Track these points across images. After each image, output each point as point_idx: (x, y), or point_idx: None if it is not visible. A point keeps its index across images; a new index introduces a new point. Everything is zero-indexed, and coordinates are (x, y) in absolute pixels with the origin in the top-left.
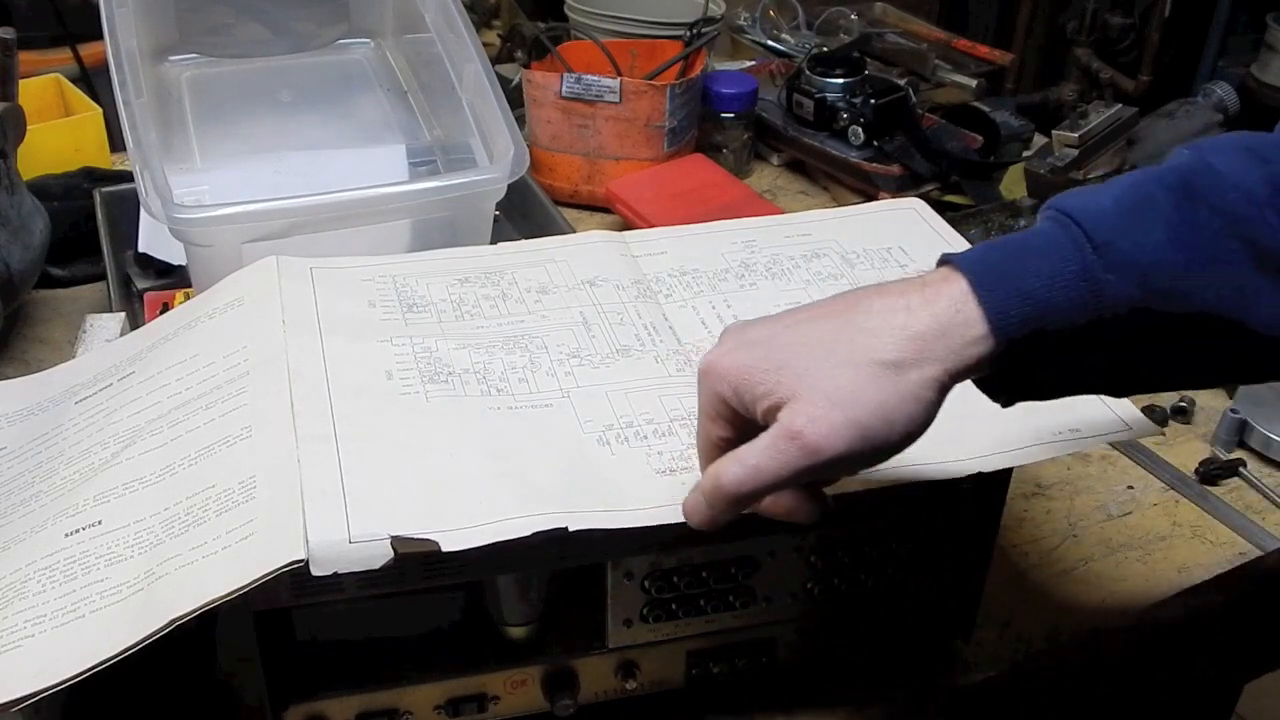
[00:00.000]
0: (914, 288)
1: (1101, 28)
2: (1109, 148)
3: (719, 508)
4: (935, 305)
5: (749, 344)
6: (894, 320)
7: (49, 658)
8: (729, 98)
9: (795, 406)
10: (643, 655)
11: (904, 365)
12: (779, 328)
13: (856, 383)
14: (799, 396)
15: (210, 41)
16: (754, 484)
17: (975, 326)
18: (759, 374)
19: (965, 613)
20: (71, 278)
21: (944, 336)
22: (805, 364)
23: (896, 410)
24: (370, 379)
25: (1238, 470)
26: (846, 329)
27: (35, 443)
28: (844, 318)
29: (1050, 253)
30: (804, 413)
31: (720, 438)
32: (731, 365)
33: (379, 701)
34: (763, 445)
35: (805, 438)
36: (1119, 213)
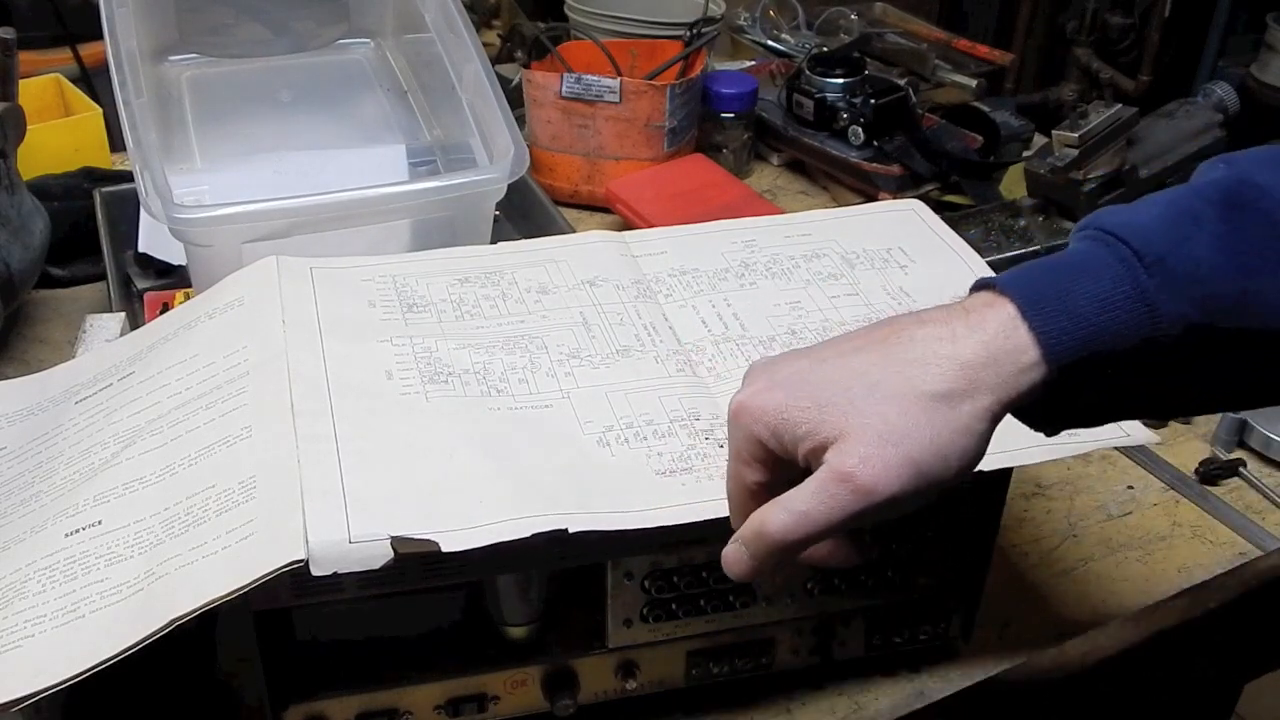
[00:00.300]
0: (956, 315)
1: (1101, 28)
2: (1109, 148)
3: (763, 558)
4: (982, 332)
5: (783, 382)
6: (940, 349)
7: (49, 658)
8: (729, 98)
9: (844, 446)
10: (643, 655)
11: (955, 396)
12: (813, 362)
13: (907, 417)
14: (847, 435)
15: (210, 41)
16: (803, 531)
17: (1027, 353)
18: (799, 412)
19: (965, 613)
20: (71, 278)
21: (994, 364)
22: (850, 399)
23: (950, 444)
24: (370, 379)
25: (1238, 470)
26: (890, 360)
27: (35, 443)
28: (884, 349)
29: (1100, 273)
30: (854, 452)
31: (755, 483)
32: (767, 405)
33: (379, 701)
34: (811, 490)
35: (858, 479)
36: (1164, 228)
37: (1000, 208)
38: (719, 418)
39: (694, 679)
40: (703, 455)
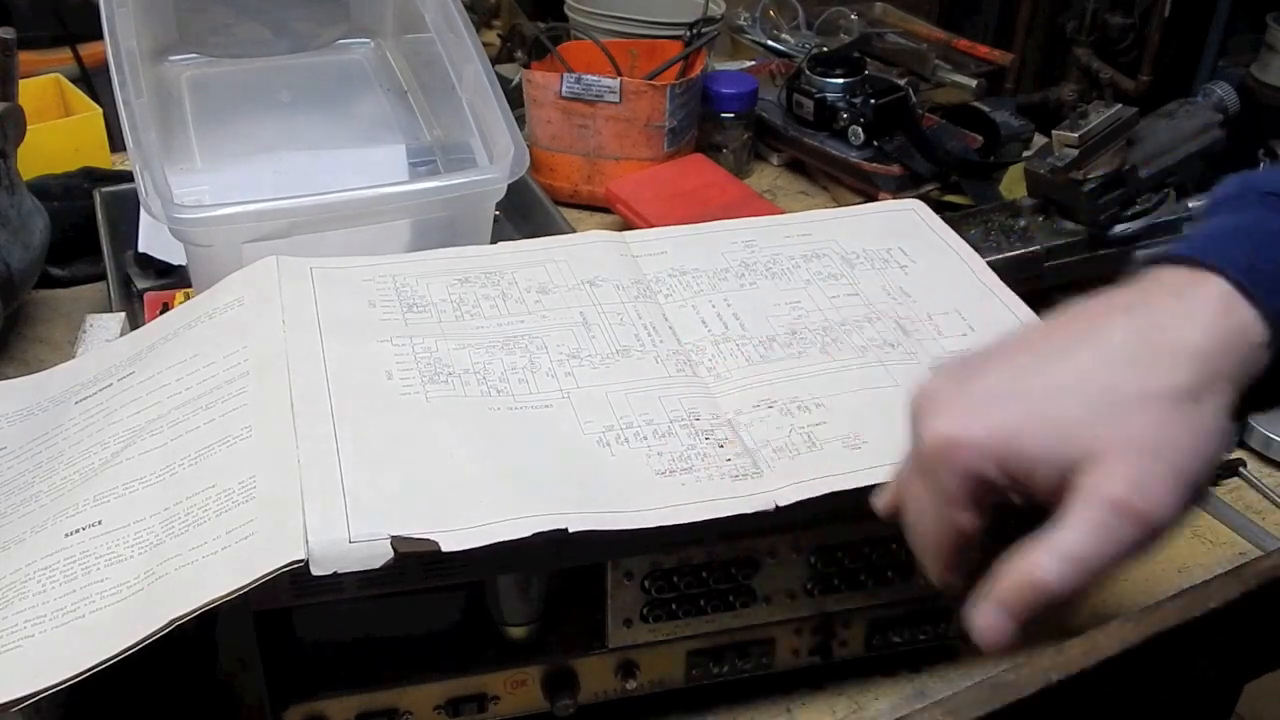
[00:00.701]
0: (1157, 296)
1: (1101, 28)
2: (1109, 148)
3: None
4: (1202, 314)
5: (988, 403)
6: (1161, 339)
7: (49, 658)
8: (729, 98)
9: (1103, 469)
10: (643, 655)
11: (1198, 392)
12: (1012, 374)
13: (1160, 424)
14: (1101, 455)
15: (210, 41)
16: (1084, 577)
17: (1255, 332)
18: (1030, 437)
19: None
20: (71, 278)
21: (1227, 350)
22: (1088, 411)
23: (1209, 448)
24: (370, 379)
25: (1238, 470)
26: (1111, 359)
27: (35, 443)
28: (1096, 347)
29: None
30: (1119, 474)
31: (975, 529)
32: (988, 434)
33: (379, 701)
34: (1082, 529)
35: (1134, 505)
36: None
37: (1000, 208)
38: (719, 418)
39: (694, 679)
40: (703, 455)
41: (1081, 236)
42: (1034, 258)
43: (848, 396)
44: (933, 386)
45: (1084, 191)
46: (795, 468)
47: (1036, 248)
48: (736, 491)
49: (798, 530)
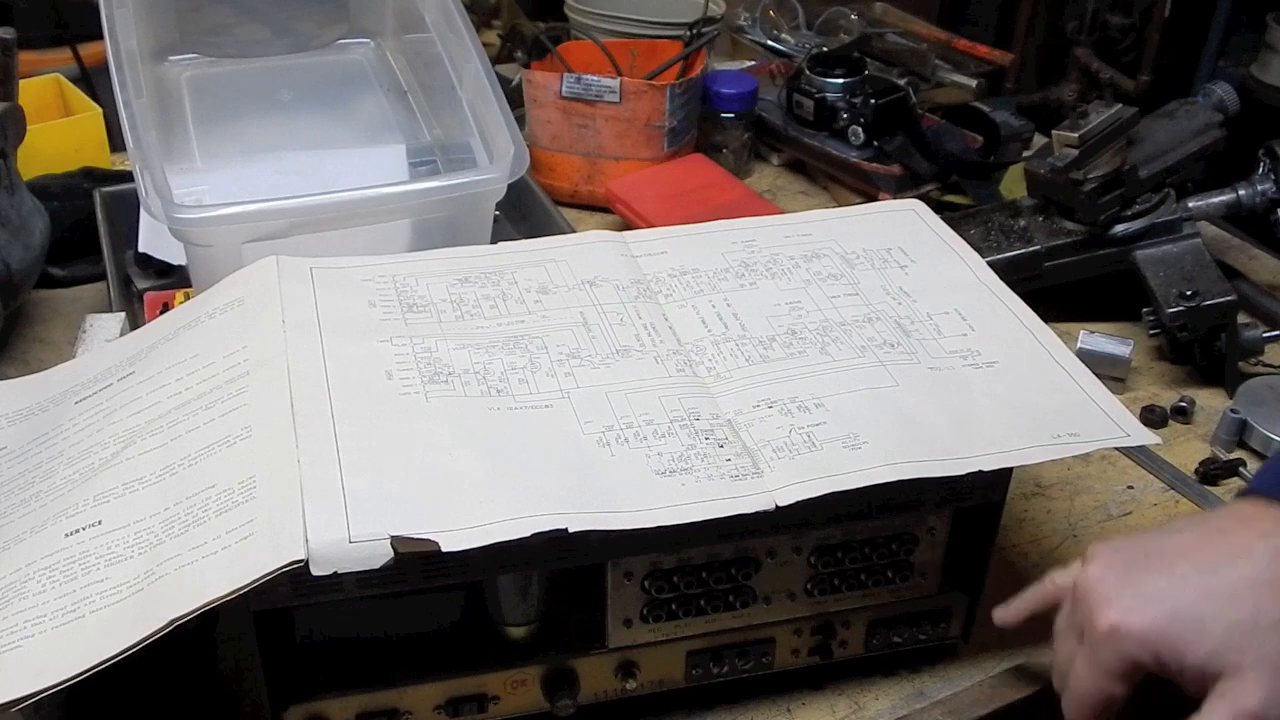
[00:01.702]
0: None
1: (1101, 28)
2: (1109, 148)
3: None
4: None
5: (1156, 599)
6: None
7: (49, 658)
8: (729, 98)
9: (1243, 684)
10: (643, 655)
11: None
12: (1177, 579)
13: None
14: (1243, 671)
15: (210, 41)
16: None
17: None
18: (1188, 642)
19: (965, 613)
20: (71, 278)
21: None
22: (1238, 629)
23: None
24: (370, 379)
25: (1238, 470)
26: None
27: (35, 443)
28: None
29: None
30: (1257, 693)
31: (1122, 696)
32: (1150, 629)
33: (379, 701)
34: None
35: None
36: None
37: (1000, 208)
38: (719, 418)
39: (694, 679)
40: (702, 455)
41: (1081, 236)
42: (1034, 258)
43: (847, 396)
44: (1104, 575)
45: (1084, 191)
46: (795, 468)
47: (1036, 248)
48: (736, 491)
49: (798, 530)
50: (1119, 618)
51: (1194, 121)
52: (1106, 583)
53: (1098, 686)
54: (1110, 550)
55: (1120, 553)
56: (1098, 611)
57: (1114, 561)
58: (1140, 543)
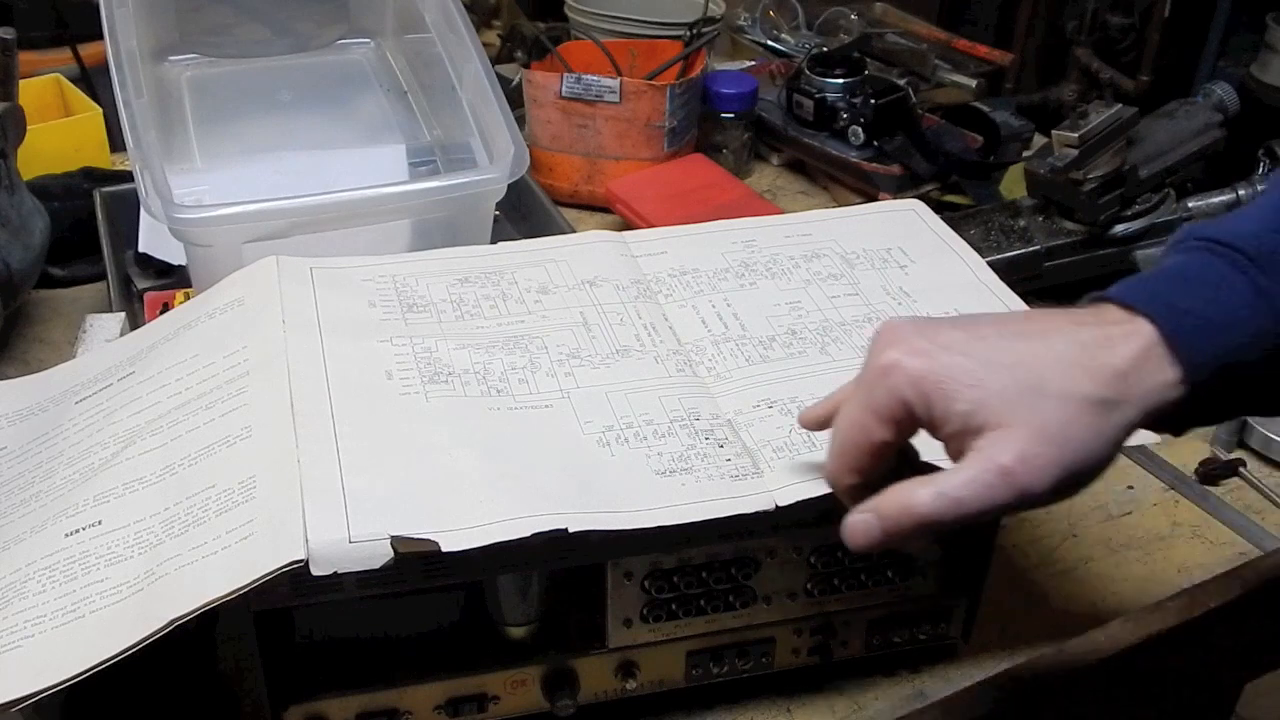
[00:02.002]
0: (1105, 323)
1: (1101, 28)
2: (1109, 148)
3: (896, 534)
4: (1132, 344)
5: (944, 348)
6: (1100, 356)
7: (49, 658)
8: (729, 98)
9: (1003, 438)
10: (643, 655)
11: (1109, 405)
12: (973, 337)
13: (1068, 419)
14: (1008, 426)
15: (210, 41)
16: (952, 516)
17: (1168, 370)
18: (961, 388)
19: (965, 613)
20: (71, 278)
21: (1142, 379)
22: (1014, 388)
23: (1099, 452)
24: (370, 379)
25: (1238, 470)
26: (1053, 356)
27: (35, 443)
28: (1047, 343)
29: (1217, 281)
30: (1014, 447)
31: (881, 441)
32: (926, 370)
33: (379, 701)
34: (967, 477)
35: (1016, 475)
36: (1264, 227)
37: (1000, 208)
38: (719, 418)
39: (694, 679)
40: (703, 455)
41: (1081, 236)
42: (1034, 258)
43: None
44: (901, 324)
45: (1084, 191)
46: (795, 468)
47: (1036, 248)
48: (736, 491)
49: (798, 530)
50: (899, 356)
51: (1194, 121)
52: (900, 328)
53: (860, 424)
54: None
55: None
56: (881, 351)
57: (920, 319)
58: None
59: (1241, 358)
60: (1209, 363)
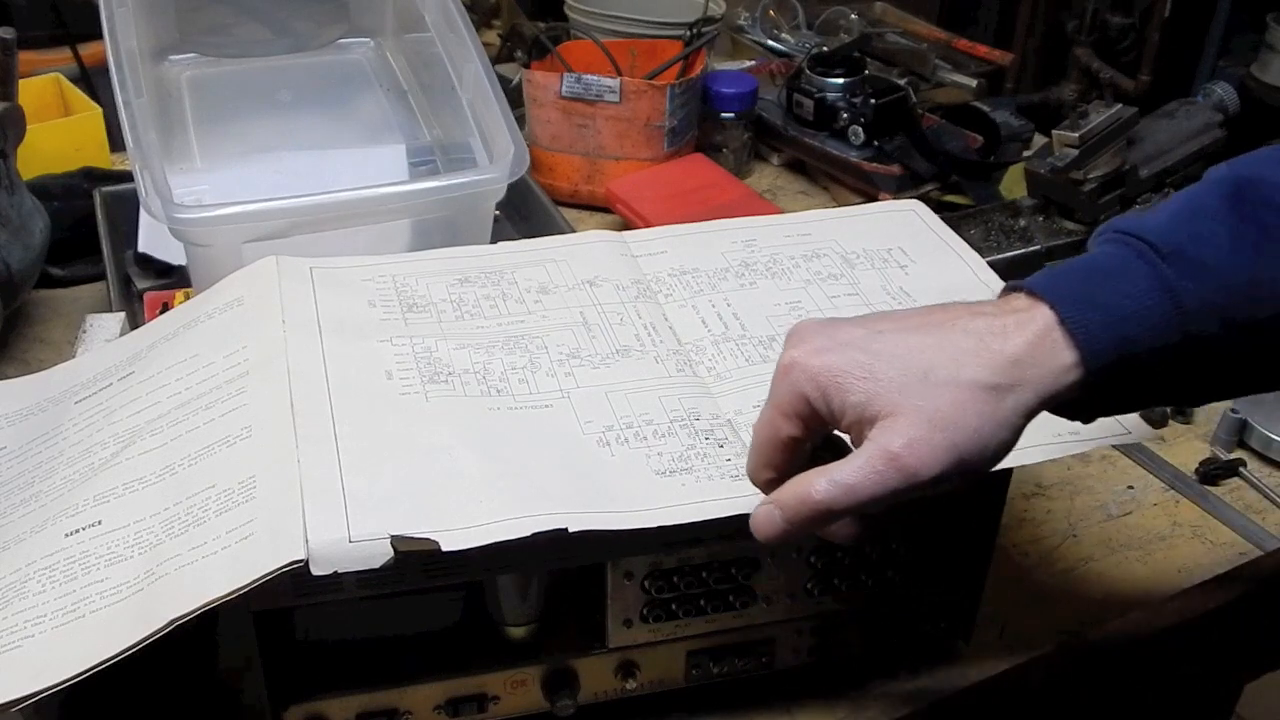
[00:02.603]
0: (1005, 311)
1: (1101, 28)
2: (1109, 148)
3: (797, 524)
4: (1028, 330)
5: (841, 345)
6: (992, 343)
7: (49, 658)
8: (729, 98)
9: (893, 425)
10: (643, 655)
11: (1002, 390)
12: (871, 333)
13: (956, 404)
14: (898, 414)
15: (210, 41)
16: (846, 503)
17: (1065, 355)
18: (854, 380)
19: (965, 613)
20: (71, 278)
21: (1037, 364)
22: (904, 378)
23: (991, 436)
24: (370, 379)
25: (1238, 470)
26: (946, 346)
27: (35, 443)
28: (941, 333)
29: (1123, 272)
30: (903, 433)
31: (789, 437)
32: (822, 365)
33: (379, 701)
34: (857, 465)
35: (904, 460)
36: (1178, 224)
37: (1000, 208)
38: (719, 418)
39: (694, 679)
40: (702, 455)
41: (1081, 236)
42: (1034, 258)
43: None
44: (808, 323)
45: (1084, 191)
46: None
47: (1036, 248)
48: (736, 491)
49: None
50: (798, 354)
51: (1194, 121)
52: (805, 328)
53: (768, 420)
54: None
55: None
56: (785, 351)
57: (829, 318)
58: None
59: (1141, 347)
60: (1107, 350)
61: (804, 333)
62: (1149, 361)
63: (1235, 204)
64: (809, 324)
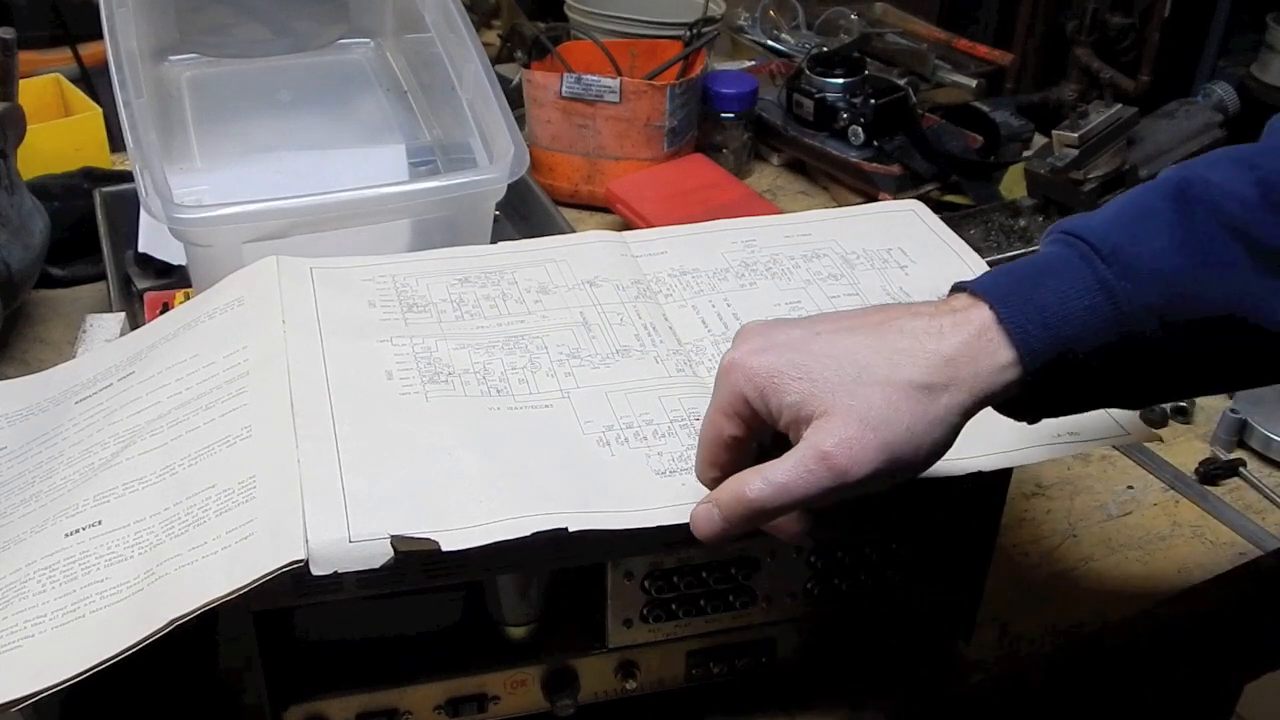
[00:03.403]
0: (944, 311)
1: (1101, 28)
2: (1109, 148)
3: (734, 522)
4: (964, 331)
5: (779, 346)
6: (927, 343)
7: (49, 658)
8: (729, 98)
9: (826, 425)
10: (643, 655)
11: (935, 389)
12: (806, 334)
13: (889, 404)
14: (831, 413)
15: (210, 41)
16: (779, 502)
17: (1003, 353)
18: (789, 380)
19: (965, 613)
20: (71, 278)
21: (973, 362)
22: (838, 378)
23: (924, 435)
24: (370, 379)
25: (1238, 470)
26: (881, 346)
27: (35, 443)
28: (877, 334)
29: (1062, 271)
30: (835, 433)
31: (731, 436)
32: (759, 366)
33: (379, 701)
34: (790, 464)
35: (835, 459)
36: (1120, 224)
37: (1000, 208)
38: None
39: (694, 679)
40: None
41: None
42: None
43: None
44: (751, 325)
45: (1084, 191)
46: None
47: (1036, 247)
48: None
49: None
50: (739, 355)
51: (1194, 121)
52: (748, 330)
53: (711, 420)
54: None
55: (781, 319)
56: (727, 352)
57: (774, 320)
58: (815, 315)
59: (1080, 347)
60: (1044, 349)
61: (746, 334)
62: (1088, 361)
63: (1178, 204)
64: (752, 325)
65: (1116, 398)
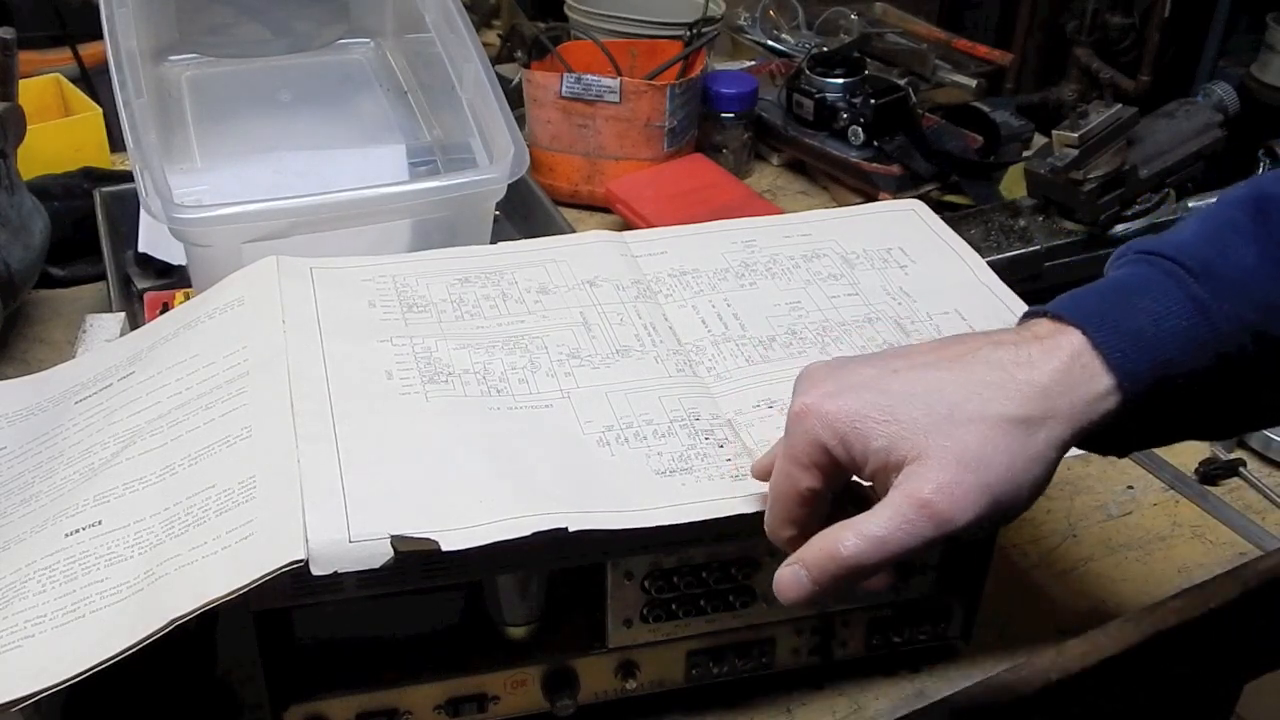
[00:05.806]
0: (1027, 339)
1: (1101, 28)
2: (1109, 148)
3: (826, 584)
4: (1056, 358)
5: (855, 388)
6: (1018, 374)
7: (49, 658)
8: (729, 98)
9: (921, 470)
10: (643, 655)
11: (1032, 423)
12: (885, 372)
13: (986, 442)
14: (925, 457)
15: (210, 41)
16: (877, 558)
17: (1100, 380)
18: (874, 424)
19: (965, 613)
20: (71, 278)
21: (1070, 392)
22: (928, 418)
23: (1024, 473)
24: (370, 379)
25: (1238, 470)
26: (969, 381)
27: (35, 443)
28: (962, 367)
29: (1154, 292)
30: (933, 478)
31: (809, 489)
32: (838, 411)
33: (379, 701)
34: (887, 515)
35: (936, 506)
36: (1203, 240)
37: (1000, 208)
38: (718, 418)
39: (694, 679)
40: (702, 455)
41: (1081, 236)
42: (1034, 258)
43: None
44: (816, 367)
45: (1084, 191)
46: None
47: (1036, 248)
48: (736, 491)
49: None
50: (812, 400)
51: (1194, 121)
52: (814, 372)
53: (785, 473)
54: (844, 356)
55: (851, 356)
56: (796, 398)
57: (836, 360)
58: (881, 351)
59: (1178, 369)
60: (1144, 373)
61: (814, 376)
62: (1185, 385)
63: (1261, 220)
64: (818, 367)
65: (1209, 424)
